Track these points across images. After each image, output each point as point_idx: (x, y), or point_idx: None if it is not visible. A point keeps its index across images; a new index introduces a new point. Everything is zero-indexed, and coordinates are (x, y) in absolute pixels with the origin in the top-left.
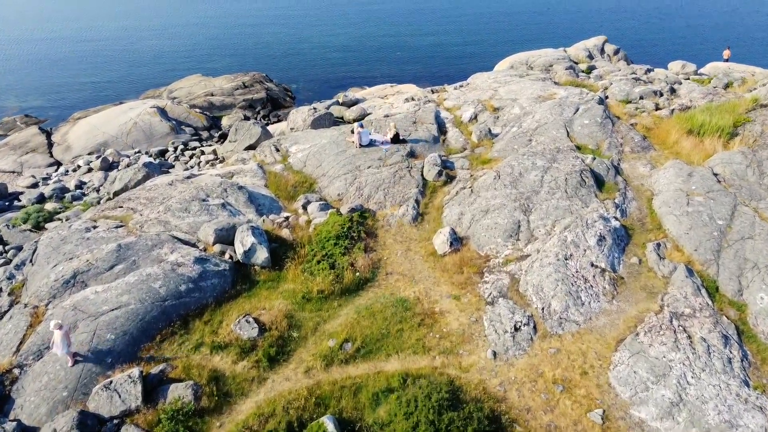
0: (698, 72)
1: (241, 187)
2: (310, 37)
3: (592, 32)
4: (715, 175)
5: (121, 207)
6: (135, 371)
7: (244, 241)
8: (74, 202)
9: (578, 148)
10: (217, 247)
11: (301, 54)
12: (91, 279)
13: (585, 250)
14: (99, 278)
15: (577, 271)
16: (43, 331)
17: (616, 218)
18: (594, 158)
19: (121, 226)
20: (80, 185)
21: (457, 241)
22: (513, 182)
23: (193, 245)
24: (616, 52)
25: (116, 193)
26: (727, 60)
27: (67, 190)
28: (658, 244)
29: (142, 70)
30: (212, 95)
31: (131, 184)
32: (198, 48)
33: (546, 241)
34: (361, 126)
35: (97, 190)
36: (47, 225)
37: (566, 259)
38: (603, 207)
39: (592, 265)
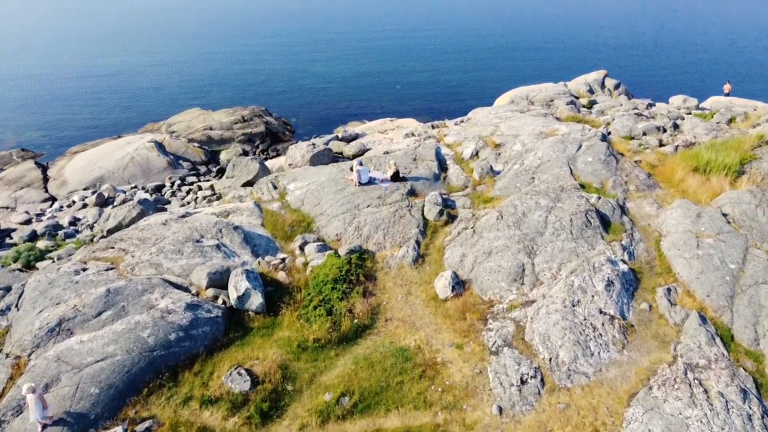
0: (700, 106)
1: (236, 227)
2: (310, 70)
3: (592, 66)
4: (725, 215)
5: (113, 248)
6: (119, 431)
7: (238, 285)
8: (67, 240)
9: (582, 186)
10: (210, 292)
11: (301, 87)
12: (77, 327)
13: (593, 296)
14: (85, 326)
15: (585, 319)
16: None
17: (624, 261)
18: (599, 197)
19: (112, 269)
20: (74, 222)
21: (459, 285)
22: (516, 223)
23: (186, 289)
24: (617, 87)
25: (110, 231)
26: (728, 94)
27: (61, 227)
28: (669, 289)
29: (141, 104)
30: (211, 129)
31: (125, 221)
32: (197, 81)
33: (552, 286)
34: (361, 164)
35: (91, 227)
36: (38, 264)
37: (573, 306)
38: (610, 249)
39: (601, 312)
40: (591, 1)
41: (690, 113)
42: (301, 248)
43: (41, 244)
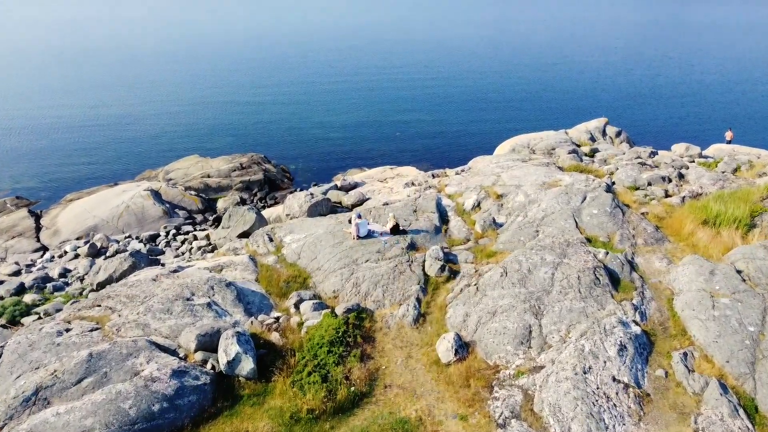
0: (703, 154)
1: (229, 284)
2: (310, 117)
3: (592, 113)
4: (739, 272)
5: (99, 306)
6: None
7: (228, 350)
8: (55, 293)
9: (589, 240)
10: (199, 355)
11: (300, 134)
12: (55, 395)
13: (605, 362)
14: (64, 394)
15: (597, 388)
16: None
17: (636, 323)
18: (607, 253)
19: (97, 329)
20: (64, 273)
21: (462, 348)
22: (521, 280)
23: (173, 352)
24: (618, 134)
25: (100, 285)
26: (729, 141)
27: (50, 280)
28: (685, 354)
29: (139, 151)
30: (209, 177)
31: (116, 274)
32: (197, 128)
33: (561, 350)
34: (359, 216)
35: (81, 280)
36: (24, 320)
37: (585, 373)
38: (621, 309)
39: (614, 379)
40: (587, 49)
41: (693, 161)
42: (296, 306)
43: (28, 297)
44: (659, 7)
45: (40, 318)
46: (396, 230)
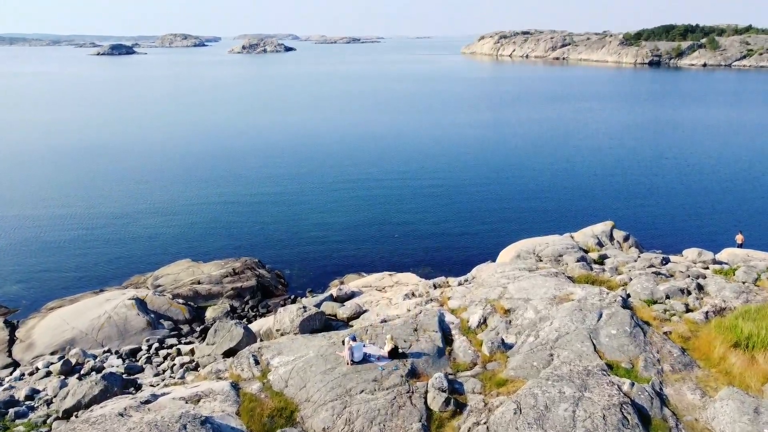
0: (716, 260)
1: (204, 421)
2: (307, 217)
3: (595, 215)
4: None
5: None
6: None
7: None
8: (17, 421)
9: (610, 366)
10: None
11: (297, 236)
12: None
13: None
14: None
15: None
16: None
17: None
18: (632, 384)
19: None
20: (32, 395)
21: None
22: (538, 419)
23: None
24: (626, 239)
25: (66, 412)
26: (741, 245)
27: (15, 403)
28: None
29: (129, 255)
30: (199, 283)
31: (85, 400)
32: (190, 231)
33: None
34: (353, 338)
35: (48, 404)
36: None
37: None
38: None
39: None
40: (583, 150)
41: (708, 268)
42: None
43: None
44: (650, 108)
45: None
46: (395, 354)
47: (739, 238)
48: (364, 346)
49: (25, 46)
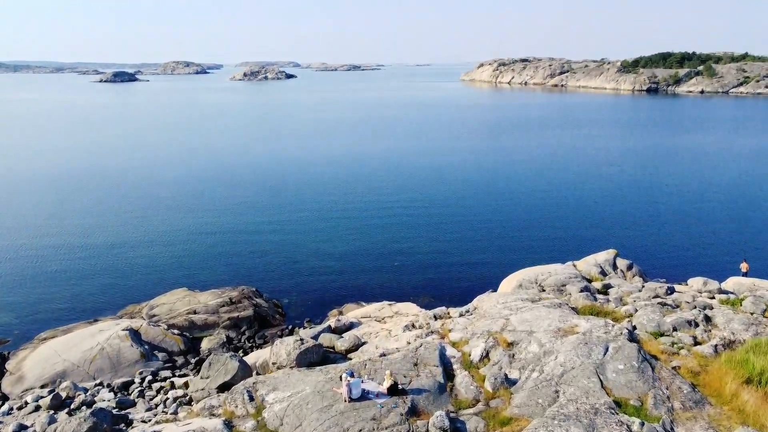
0: (722, 289)
1: None
2: (305, 245)
3: (600, 244)
4: None
5: None
6: None
7: None
8: None
9: (618, 404)
10: None
11: (295, 264)
12: None
13: None
14: None
15: None
16: None
17: None
18: (642, 423)
19: None
20: (19, 431)
21: None
22: None
23: None
24: (630, 267)
25: None
26: (745, 274)
27: None
28: None
29: (125, 283)
30: (195, 313)
31: None
32: (187, 258)
33: None
34: (351, 374)
35: None
36: None
37: None
38: None
39: None
40: (584, 177)
41: (714, 297)
42: None
43: None
44: (649, 134)
45: None
46: (394, 390)
47: (743, 266)
48: (362, 381)
49: (29, 73)
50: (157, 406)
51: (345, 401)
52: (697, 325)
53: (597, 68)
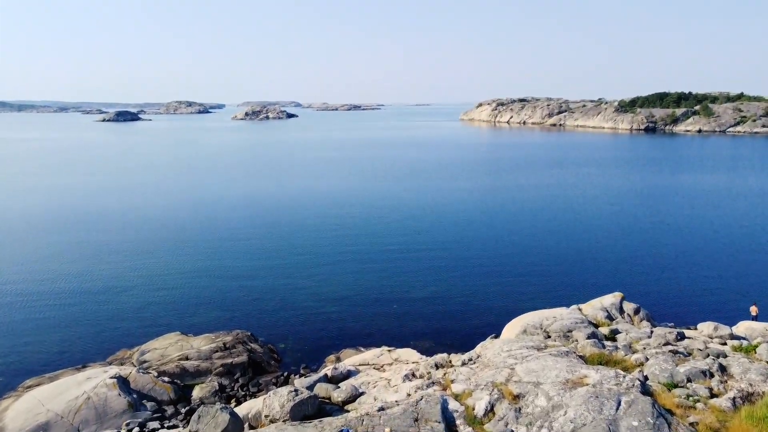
0: (734, 334)
1: None
2: (302, 288)
3: (603, 286)
4: None
5: None
6: None
7: None
8: None
9: None
10: None
11: (292, 307)
12: None
13: None
14: None
15: None
16: None
17: None
18: None
19: None
20: None
21: None
22: None
23: None
24: (637, 311)
25: None
26: (755, 317)
27: None
28: None
29: (116, 327)
30: (187, 359)
31: None
32: (181, 301)
33: None
34: None
35: None
36: None
37: None
38: None
39: None
40: (584, 216)
41: (726, 344)
42: None
43: None
44: (648, 173)
45: None
46: None
47: (753, 309)
48: None
49: (33, 112)
50: None
51: None
52: (712, 375)
53: (595, 108)
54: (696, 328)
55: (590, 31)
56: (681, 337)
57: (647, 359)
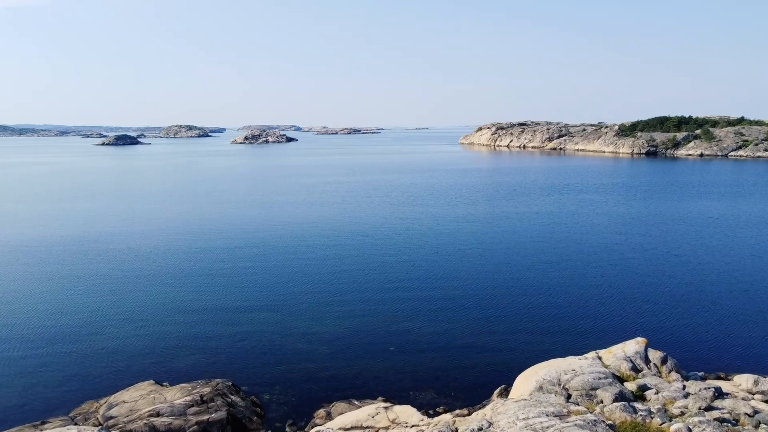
0: None
1: None
2: (290, 330)
3: (620, 327)
4: None
5: None
6: None
7: None
8: None
9: None
10: None
11: (279, 351)
12: None
13: None
14: None
15: None
16: None
17: None
18: None
19: None
20: None
21: None
22: None
23: None
24: (664, 361)
25: None
26: None
27: None
28: None
29: (84, 374)
30: (158, 415)
31: None
32: (157, 345)
33: None
34: None
35: None
36: None
37: None
38: None
39: None
40: (587, 247)
41: None
42: None
43: None
44: (652, 200)
45: None
46: None
47: None
48: None
49: (34, 136)
50: None
51: None
52: None
53: (595, 132)
54: (730, 379)
55: (590, 55)
56: (719, 393)
57: (690, 430)
